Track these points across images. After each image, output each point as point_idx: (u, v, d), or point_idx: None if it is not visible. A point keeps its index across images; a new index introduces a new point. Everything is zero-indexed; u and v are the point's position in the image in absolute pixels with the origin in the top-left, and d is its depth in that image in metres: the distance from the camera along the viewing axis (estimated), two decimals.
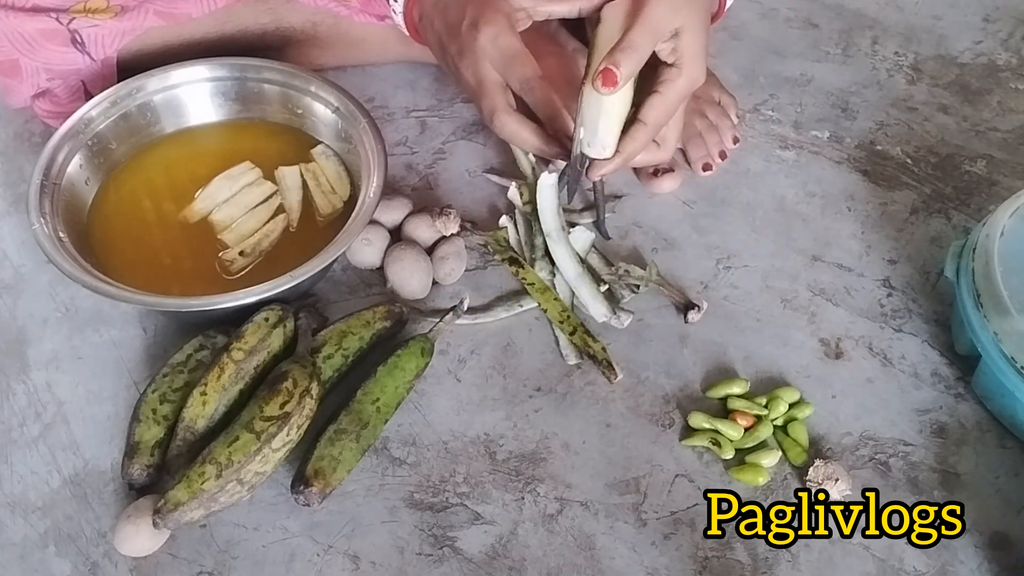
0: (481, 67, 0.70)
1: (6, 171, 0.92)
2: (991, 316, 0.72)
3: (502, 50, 0.69)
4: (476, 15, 0.70)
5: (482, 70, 0.70)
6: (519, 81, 0.70)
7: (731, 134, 0.92)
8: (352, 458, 0.70)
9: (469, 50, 0.70)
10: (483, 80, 0.71)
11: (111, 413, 0.75)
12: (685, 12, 0.67)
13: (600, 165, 0.72)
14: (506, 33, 0.70)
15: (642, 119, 0.70)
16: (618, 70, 0.66)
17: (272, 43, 0.93)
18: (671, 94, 0.69)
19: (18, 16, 0.83)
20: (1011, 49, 1.07)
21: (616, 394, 0.77)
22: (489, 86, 0.71)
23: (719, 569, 0.68)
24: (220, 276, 0.79)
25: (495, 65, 0.70)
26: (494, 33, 0.69)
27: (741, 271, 0.85)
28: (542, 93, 0.70)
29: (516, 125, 0.71)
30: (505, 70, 0.70)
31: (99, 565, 0.67)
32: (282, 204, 0.84)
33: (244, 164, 0.85)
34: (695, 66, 0.69)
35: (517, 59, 0.69)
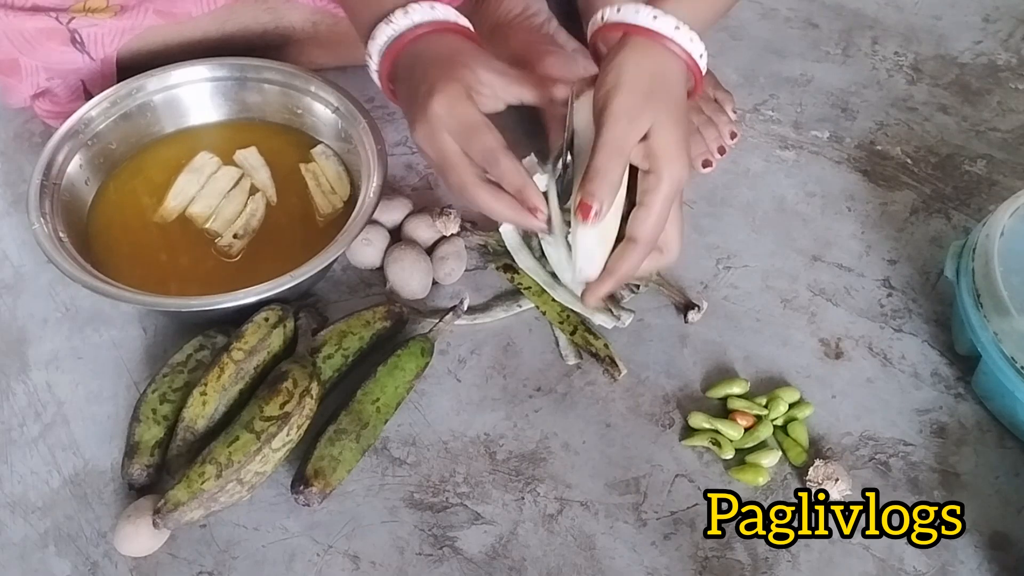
0: (439, 138, 0.64)
1: (6, 171, 0.92)
2: (991, 316, 0.72)
3: (459, 120, 0.64)
4: (432, 83, 0.64)
5: (439, 141, 0.64)
6: (481, 153, 0.64)
7: (728, 129, 0.92)
8: (352, 458, 0.70)
9: (423, 119, 0.64)
10: (443, 152, 0.65)
11: (111, 413, 0.75)
12: (649, 112, 0.61)
13: (596, 287, 0.66)
14: (462, 101, 0.64)
15: (632, 237, 0.64)
16: (593, 201, 0.61)
17: (272, 43, 0.93)
18: (656, 204, 0.62)
19: (18, 15, 0.83)
20: (1011, 49, 1.07)
21: (616, 394, 0.77)
22: (451, 159, 0.65)
23: (719, 569, 0.68)
24: (220, 276, 0.79)
25: (454, 136, 0.64)
26: (449, 103, 0.63)
27: (741, 271, 0.85)
28: (507, 163, 0.64)
29: (488, 198, 0.65)
30: (465, 142, 0.64)
31: (99, 565, 0.67)
32: (254, 184, 0.84)
33: (202, 154, 0.85)
34: (675, 166, 0.62)
35: (476, 129, 0.64)
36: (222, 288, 0.73)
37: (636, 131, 0.61)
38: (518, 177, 0.64)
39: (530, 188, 0.64)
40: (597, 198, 0.61)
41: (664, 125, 0.62)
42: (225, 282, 0.75)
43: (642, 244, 0.63)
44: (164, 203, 0.83)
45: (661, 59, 0.63)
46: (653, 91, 0.62)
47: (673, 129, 0.62)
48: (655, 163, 0.62)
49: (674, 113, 0.63)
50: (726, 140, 0.92)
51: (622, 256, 0.64)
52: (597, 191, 0.61)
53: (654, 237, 0.64)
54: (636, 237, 0.63)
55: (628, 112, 0.61)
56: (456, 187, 0.65)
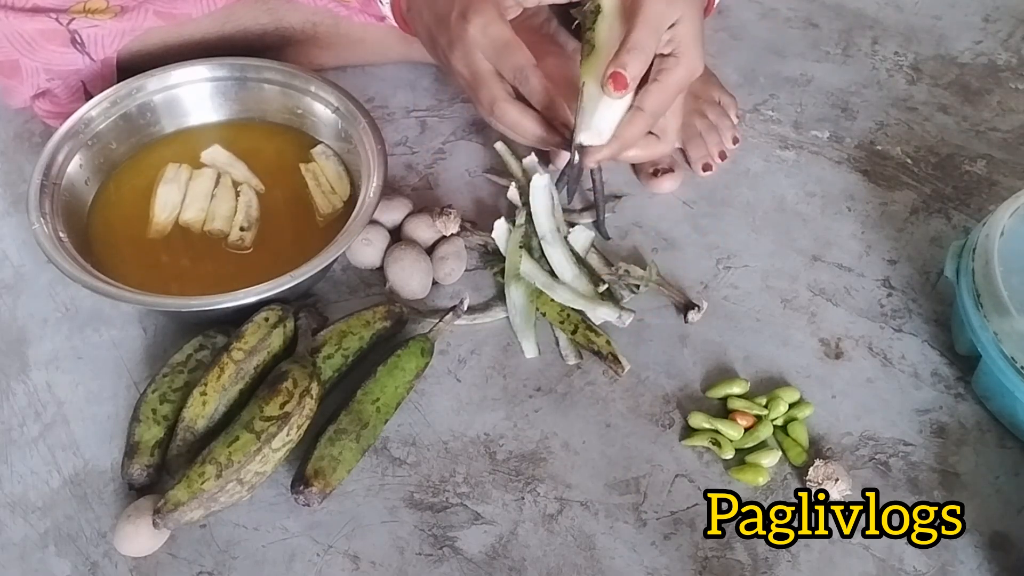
0: (473, 58, 0.69)
1: (6, 171, 0.92)
2: (991, 316, 0.72)
3: (493, 39, 0.68)
4: (465, 5, 0.68)
5: (475, 61, 0.69)
6: (513, 70, 0.68)
7: (731, 134, 0.92)
8: (352, 458, 0.70)
9: (459, 41, 0.68)
10: (477, 71, 0.69)
11: (111, 413, 0.75)
12: (682, 3, 0.67)
13: (595, 150, 0.71)
14: (496, 22, 0.68)
15: (640, 106, 0.69)
16: (626, 72, 0.65)
17: (272, 43, 0.93)
18: (670, 83, 0.68)
19: (18, 16, 0.83)
20: (1011, 49, 1.07)
21: (616, 394, 0.77)
22: (484, 77, 0.69)
23: (719, 569, 0.68)
24: (220, 276, 0.79)
25: (487, 55, 0.69)
26: (484, 23, 0.67)
27: (741, 271, 0.85)
28: (537, 81, 0.68)
29: (517, 114, 0.70)
30: (498, 60, 0.69)
31: (99, 565, 0.67)
32: (234, 179, 0.84)
33: (169, 166, 0.85)
34: (693, 56, 0.68)
35: (509, 48, 0.68)
36: (222, 288, 0.73)
37: (672, 14, 0.66)
38: (547, 94, 0.69)
39: (558, 104, 0.69)
40: (630, 69, 0.65)
41: (691, 19, 0.67)
42: (225, 282, 0.75)
43: (648, 114, 0.68)
44: (152, 219, 0.82)
45: None
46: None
47: (697, 25, 0.68)
48: (678, 48, 0.68)
49: (699, 12, 0.69)
50: (727, 145, 0.92)
51: (629, 122, 0.69)
52: (631, 63, 0.65)
53: (659, 112, 0.69)
54: (644, 106, 0.68)
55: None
56: (487, 103, 0.70)
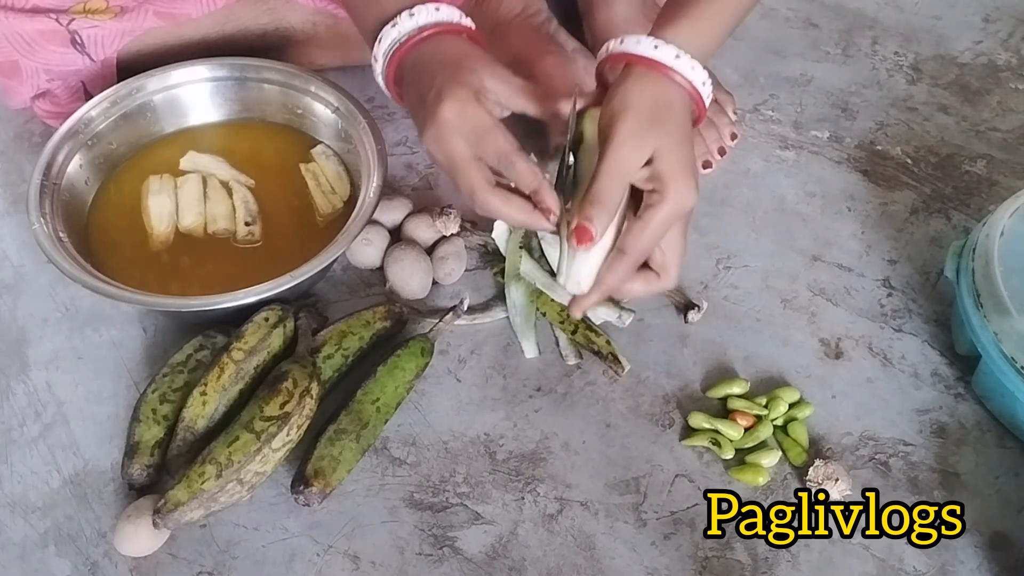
0: (449, 143, 0.64)
1: (6, 171, 0.92)
2: (991, 316, 0.72)
3: (470, 123, 0.63)
4: (441, 87, 0.64)
5: (450, 146, 0.64)
6: (495, 156, 0.64)
7: (729, 130, 0.92)
8: (352, 458, 0.70)
9: (433, 123, 0.64)
10: (453, 157, 0.64)
11: (111, 413, 0.75)
12: (653, 138, 0.61)
13: (581, 300, 0.66)
14: (472, 105, 0.63)
15: (621, 248, 0.63)
16: (591, 226, 0.61)
17: (272, 43, 0.93)
18: (654, 222, 0.62)
19: (18, 17, 0.83)
20: (1011, 49, 1.07)
21: (616, 394, 0.77)
22: (461, 163, 0.64)
23: (719, 569, 0.68)
24: (220, 276, 0.79)
25: (466, 140, 0.64)
26: (460, 106, 0.63)
27: (741, 271, 0.85)
28: (523, 165, 0.63)
29: (499, 203, 0.64)
30: (478, 145, 0.64)
31: (99, 565, 0.67)
32: (220, 180, 0.84)
33: (151, 178, 0.84)
34: (679, 188, 0.62)
35: (488, 133, 0.63)
36: (222, 288, 0.73)
37: (639, 156, 0.61)
38: (534, 179, 0.64)
39: (545, 189, 0.64)
40: (595, 223, 0.61)
41: (670, 149, 0.62)
42: (225, 282, 0.75)
43: (629, 257, 0.63)
44: (152, 232, 0.81)
45: (664, 87, 0.63)
46: (657, 117, 0.62)
47: (678, 152, 0.62)
48: (660, 184, 0.62)
49: (679, 138, 0.62)
50: (726, 141, 0.92)
51: (609, 267, 0.64)
52: (595, 216, 0.61)
53: (643, 252, 0.64)
54: (625, 249, 0.63)
55: (632, 137, 0.61)
56: (467, 192, 0.65)
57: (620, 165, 0.61)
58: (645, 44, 0.63)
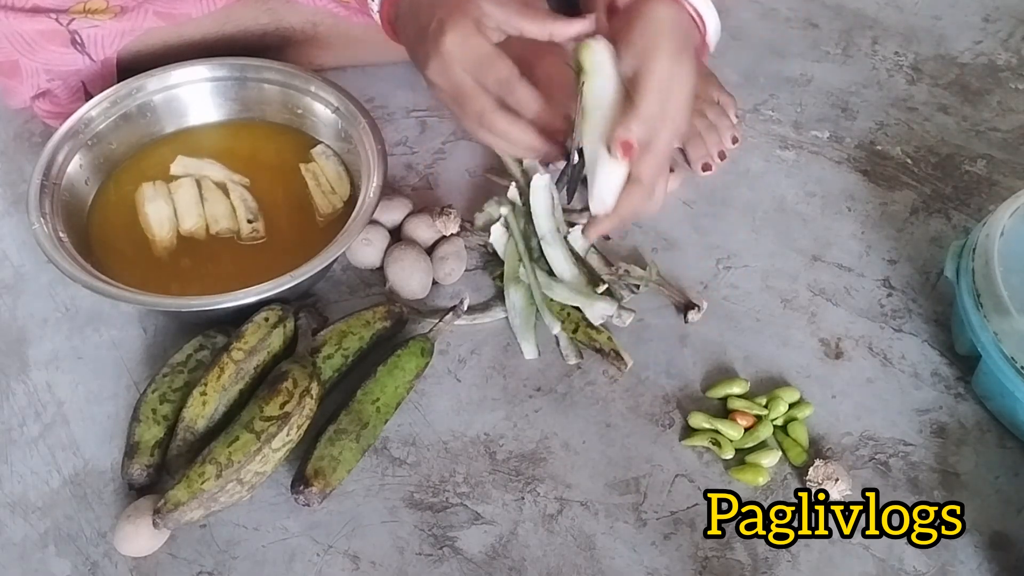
0: (452, 72, 0.66)
1: (6, 171, 0.92)
2: (991, 316, 0.72)
3: (472, 53, 0.65)
4: (442, 18, 0.66)
5: (454, 75, 0.66)
6: (496, 83, 0.66)
7: (730, 134, 0.92)
8: (352, 458, 0.70)
9: (436, 55, 0.66)
10: (458, 85, 0.66)
11: (111, 413, 0.75)
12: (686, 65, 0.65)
13: (597, 224, 0.69)
14: (474, 35, 0.65)
15: (637, 177, 0.66)
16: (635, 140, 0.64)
17: (272, 43, 0.93)
18: (660, 148, 0.65)
19: (18, 17, 0.83)
20: (1011, 49, 1.07)
21: (616, 394, 0.77)
22: (466, 90, 0.66)
23: (719, 569, 0.68)
24: (220, 276, 0.78)
25: (467, 69, 0.66)
26: (462, 36, 0.65)
27: (741, 271, 0.85)
28: (524, 91, 0.66)
29: (507, 124, 0.67)
30: (479, 73, 0.66)
31: (99, 565, 0.67)
32: (213, 181, 0.84)
33: (143, 186, 0.83)
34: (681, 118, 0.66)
35: (489, 60, 0.65)
36: (222, 288, 0.73)
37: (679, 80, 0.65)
38: (535, 102, 0.66)
39: (550, 111, 0.67)
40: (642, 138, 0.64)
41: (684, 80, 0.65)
42: (225, 282, 0.75)
43: (646, 184, 0.66)
44: (153, 239, 0.81)
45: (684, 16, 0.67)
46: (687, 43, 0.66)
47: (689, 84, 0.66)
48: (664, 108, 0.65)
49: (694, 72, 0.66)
50: (727, 145, 0.92)
51: (627, 195, 0.67)
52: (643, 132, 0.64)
53: (656, 179, 0.67)
54: (641, 176, 0.66)
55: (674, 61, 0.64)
56: (474, 117, 0.67)
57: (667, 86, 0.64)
58: None
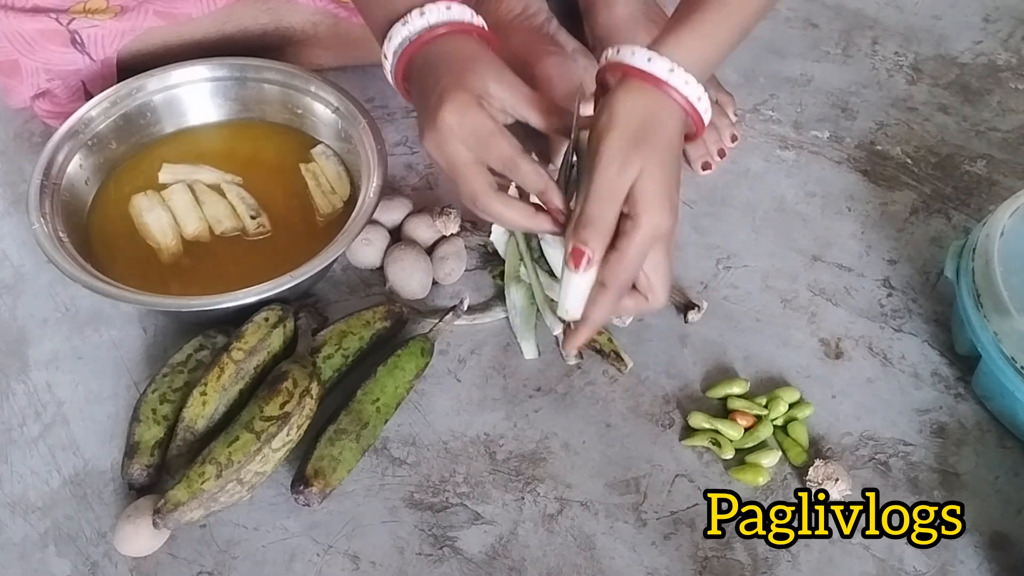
0: (449, 148, 0.63)
1: (6, 171, 0.92)
2: (991, 316, 0.72)
3: (472, 129, 0.63)
4: (444, 90, 0.63)
5: (451, 152, 0.64)
6: (499, 161, 0.63)
7: (729, 132, 0.92)
8: (352, 458, 0.70)
9: (432, 127, 0.63)
10: (454, 162, 0.64)
11: (111, 413, 0.75)
12: (638, 157, 0.59)
13: (572, 336, 0.65)
14: (473, 111, 0.63)
15: (601, 282, 0.61)
16: (587, 248, 0.60)
17: (272, 43, 0.93)
18: (629, 250, 0.60)
19: (18, 16, 0.83)
20: (1011, 49, 1.07)
21: (616, 394, 0.77)
22: (463, 168, 0.64)
23: (719, 569, 0.68)
24: (220, 276, 0.78)
25: (468, 145, 0.63)
26: (461, 112, 0.62)
27: (741, 271, 0.85)
28: (527, 168, 0.63)
29: (502, 207, 0.64)
30: (481, 151, 0.63)
31: (99, 565, 0.67)
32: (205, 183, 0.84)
33: (135, 198, 0.82)
34: (654, 213, 0.60)
35: (492, 137, 0.63)
36: (222, 288, 0.73)
37: (626, 177, 0.59)
38: (539, 180, 0.63)
39: (552, 190, 0.64)
40: (590, 245, 0.60)
41: (650, 172, 0.60)
42: (225, 282, 0.75)
43: (612, 289, 0.61)
44: (159, 248, 0.80)
45: (655, 102, 0.61)
46: (643, 135, 0.60)
47: (659, 176, 0.60)
48: (633, 209, 0.60)
49: (663, 159, 0.60)
50: (726, 143, 0.92)
51: (593, 301, 0.62)
52: (590, 239, 0.60)
53: (625, 283, 0.62)
54: (605, 282, 0.61)
55: (617, 157, 0.59)
56: (468, 196, 0.65)
57: (608, 186, 0.59)
58: (639, 56, 0.61)
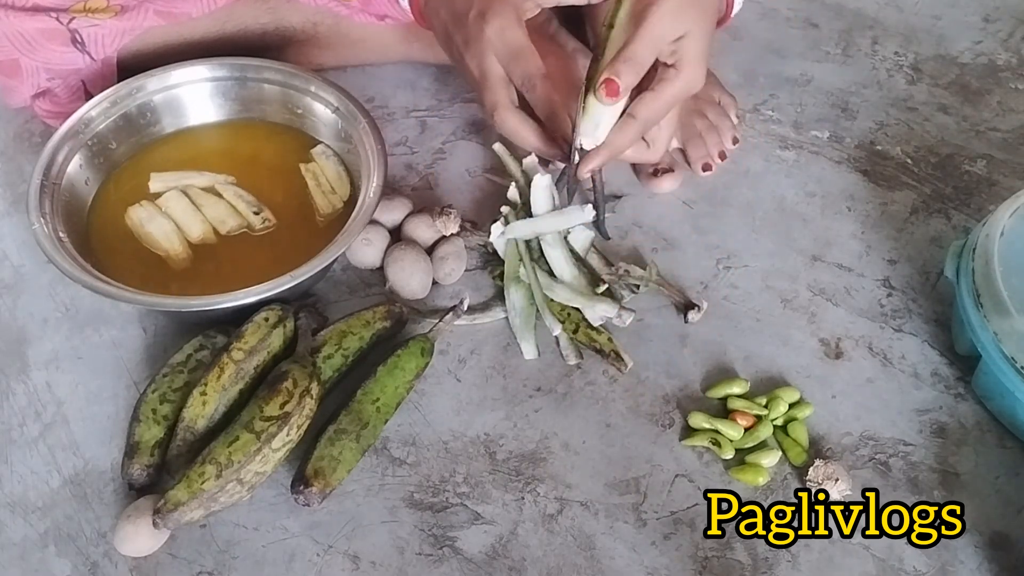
0: (486, 60, 0.70)
1: (6, 171, 0.92)
2: (991, 316, 0.72)
3: (508, 44, 0.69)
4: (484, 6, 0.69)
5: (486, 63, 0.70)
6: (521, 77, 0.70)
7: (731, 134, 0.92)
8: (352, 458, 0.70)
9: (474, 41, 0.70)
10: (487, 73, 0.70)
11: (111, 413, 0.75)
12: (690, 17, 0.67)
13: (588, 159, 0.72)
14: (513, 26, 0.69)
15: (632, 114, 0.69)
16: (619, 80, 0.66)
17: (272, 43, 0.93)
18: (665, 94, 0.68)
19: (18, 16, 0.83)
20: (1011, 49, 1.07)
21: (616, 394, 0.77)
22: (493, 80, 0.70)
23: (719, 569, 0.68)
24: (220, 276, 0.79)
25: (500, 58, 0.70)
26: (501, 26, 0.69)
27: (741, 271, 0.85)
28: (543, 91, 0.69)
29: (516, 122, 0.71)
30: (509, 64, 0.70)
31: (99, 565, 0.67)
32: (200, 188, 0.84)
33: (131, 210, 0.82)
34: (694, 71, 0.68)
35: (522, 54, 0.69)
36: (222, 288, 0.73)
37: (675, 31, 0.66)
38: (551, 105, 0.69)
39: (560, 117, 0.70)
40: (623, 78, 0.65)
41: (698, 35, 0.67)
42: (225, 282, 0.75)
43: (639, 122, 0.68)
44: (168, 255, 0.80)
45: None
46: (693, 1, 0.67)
47: (703, 41, 0.67)
48: (680, 61, 0.67)
49: (708, 27, 0.68)
50: (727, 145, 0.92)
51: (619, 129, 0.69)
52: (624, 72, 0.65)
53: (651, 121, 0.69)
54: (636, 114, 0.68)
55: (672, 12, 0.66)
56: (489, 106, 0.71)
57: (657, 33, 0.66)
58: None
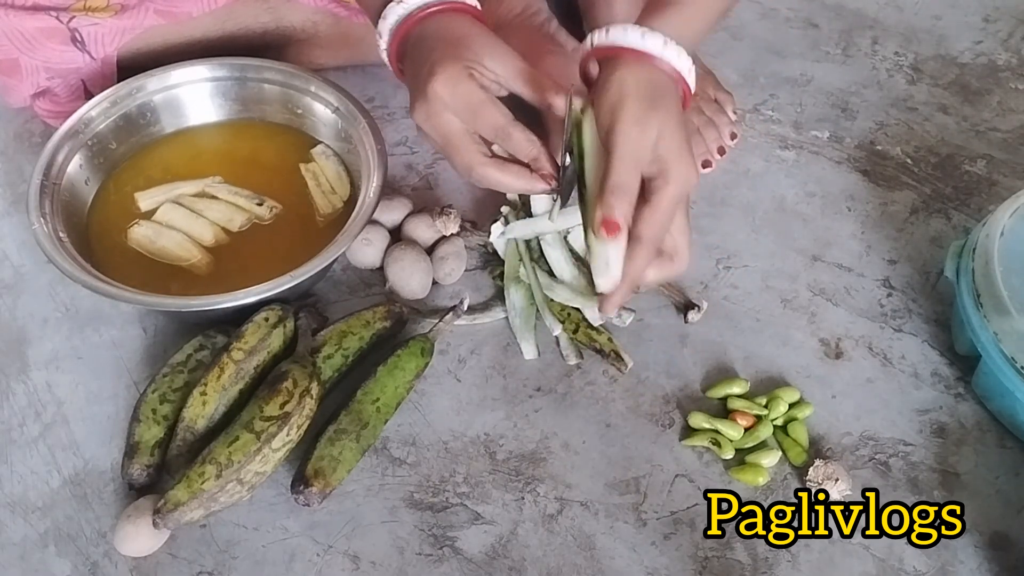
0: (440, 119, 0.65)
1: (6, 171, 0.92)
2: (991, 316, 0.72)
3: (463, 100, 0.64)
4: (435, 62, 0.64)
5: (442, 123, 0.65)
6: (491, 130, 0.65)
7: (729, 130, 0.92)
8: (352, 458, 0.70)
9: (423, 99, 0.64)
10: (446, 133, 0.65)
11: (111, 413, 0.75)
12: (656, 119, 0.61)
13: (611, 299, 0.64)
14: (464, 81, 0.64)
15: (637, 237, 0.62)
16: (614, 215, 0.60)
17: (272, 43, 0.93)
18: (663, 204, 0.62)
19: (18, 15, 0.83)
20: (1011, 49, 1.07)
21: (616, 394, 0.77)
22: (456, 139, 0.65)
23: (719, 569, 0.68)
24: (220, 276, 0.79)
25: (460, 116, 0.64)
26: (451, 82, 0.63)
27: (741, 271, 0.85)
28: (519, 135, 0.64)
29: (498, 175, 0.66)
30: (473, 120, 0.64)
31: (99, 565, 0.67)
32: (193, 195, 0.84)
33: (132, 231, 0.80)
34: (681, 168, 0.62)
35: (483, 107, 0.64)
36: (222, 288, 0.73)
37: (648, 140, 0.61)
38: (532, 147, 0.65)
39: (544, 156, 0.66)
40: (616, 211, 0.60)
41: (669, 132, 0.61)
42: (225, 282, 0.75)
43: (648, 242, 0.62)
44: (190, 263, 0.79)
45: (652, 75, 0.63)
46: (655, 100, 0.62)
47: (678, 132, 0.62)
48: (663, 166, 0.61)
49: (675, 117, 0.62)
50: (726, 141, 0.92)
51: (630, 257, 0.63)
52: (617, 204, 0.60)
53: (659, 236, 0.63)
54: (641, 235, 0.62)
55: (637, 122, 0.61)
56: (463, 168, 0.66)
57: (632, 151, 0.61)
58: (632, 33, 0.63)
